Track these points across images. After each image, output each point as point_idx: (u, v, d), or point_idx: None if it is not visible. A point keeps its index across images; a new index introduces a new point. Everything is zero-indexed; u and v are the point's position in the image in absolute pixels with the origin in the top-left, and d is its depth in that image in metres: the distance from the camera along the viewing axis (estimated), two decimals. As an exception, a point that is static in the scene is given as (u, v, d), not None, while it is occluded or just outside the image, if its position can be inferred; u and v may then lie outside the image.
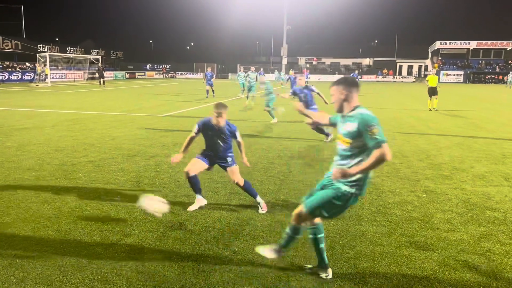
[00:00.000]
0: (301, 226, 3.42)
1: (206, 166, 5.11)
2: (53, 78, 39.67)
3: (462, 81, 60.82)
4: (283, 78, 40.22)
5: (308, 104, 9.86)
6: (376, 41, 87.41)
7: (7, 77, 38.56)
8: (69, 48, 53.10)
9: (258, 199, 5.03)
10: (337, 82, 3.22)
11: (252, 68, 21.51)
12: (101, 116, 13.92)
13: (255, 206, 5.06)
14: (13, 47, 43.01)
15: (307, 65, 76.02)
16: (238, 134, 5.05)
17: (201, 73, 77.00)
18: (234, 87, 25.93)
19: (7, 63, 43.26)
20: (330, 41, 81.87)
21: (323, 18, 74.62)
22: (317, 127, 9.26)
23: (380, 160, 2.85)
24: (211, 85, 23.35)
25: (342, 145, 3.15)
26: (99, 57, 46.46)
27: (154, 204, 4.27)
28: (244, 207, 5.10)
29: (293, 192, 5.78)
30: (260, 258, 3.70)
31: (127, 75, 57.56)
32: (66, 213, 4.77)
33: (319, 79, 60.50)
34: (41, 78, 37.52)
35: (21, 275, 3.36)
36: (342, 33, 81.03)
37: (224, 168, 5.11)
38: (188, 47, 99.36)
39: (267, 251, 3.57)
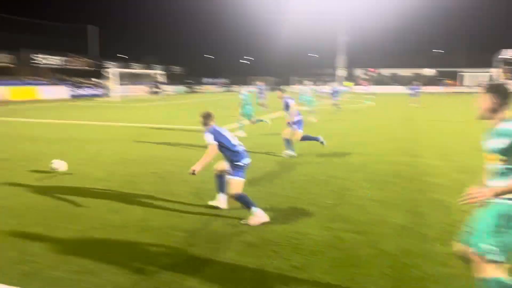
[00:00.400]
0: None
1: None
2: (120, 92, 42.02)
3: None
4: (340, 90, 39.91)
5: None
6: (437, 50, 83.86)
7: (78, 92, 41.40)
8: (133, 64, 56.06)
9: (253, 209, 4.91)
10: (489, 89, 2.85)
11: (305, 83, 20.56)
12: (164, 129, 14.51)
13: (314, 221, 5.03)
14: (83, 65, 46.18)
15: (364, 76, 74.53)
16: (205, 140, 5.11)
17: (256, 86, 78.15)
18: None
19: (78, 79, 46.52)
20: (388, 51, 79.63)
21: (381, 28, 72.90)
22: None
23: None
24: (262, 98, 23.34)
25: (493, 162, 2.78)
26: (161, 72, 48.61)
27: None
28: (303, 222, 5.07)
29: (353, 207, 5.66)
30: (319, 273, 3.66)
31: (187, 89, 59.67)
32: (133, 223, 5.00)
33: (377, 90, 58.88)
34: (108, 93, 39.89)
35: (93, 281, 3.56)
36: (401, 43, 78.55)
37: None
38: (244, 61, 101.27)
39: None
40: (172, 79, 65.72)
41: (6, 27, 41.63)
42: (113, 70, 40.60)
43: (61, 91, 39.58)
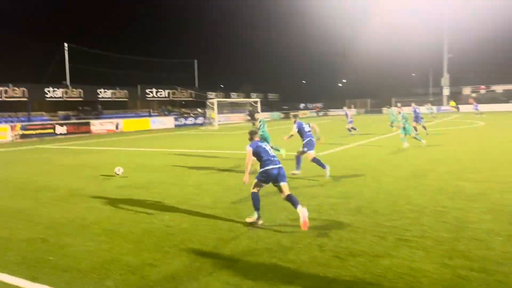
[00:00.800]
0: None
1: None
2: (219, 121, 44.21)
3: None
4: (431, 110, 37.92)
5: None
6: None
7: (183, 122, 44.49)
8: (232, 93, 58.79)
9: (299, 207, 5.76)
10: None
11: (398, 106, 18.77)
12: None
13: (429, 256, 4.63)
14: (188, 96, 49.64)
15: (473, 95, 68.82)
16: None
17: (354, 109, 76.60)
18: (386, 123, 25.02)
19: (183, 110, 50.12)
20: (501, 66, 72.67)
21: (491, 41, 67.04)
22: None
23: None
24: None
25: None
26: (258, 99, 50.21)
27: None
28: (415, 257, 4.69)
29: (473, 242, 5.11)
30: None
31: (282, 115, 60.67)
32: (240, 251, 5.09)
33: (488, 109, 53.72)
34: (209, 122, 42.22)
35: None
36: (516, 56, 71.17)
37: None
38: (340, 84, 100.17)
39: None
40: (269, 106, 67.48)
41: (123, 65, 46.69)
42: (213, 100, 42.97)
43: (168, 121, 42.90)
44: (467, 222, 5.93)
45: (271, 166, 6.15)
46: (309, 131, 10.21)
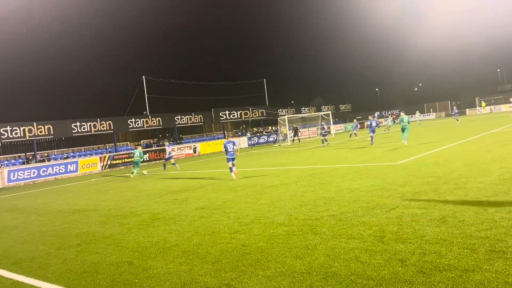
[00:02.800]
0: None
1: None
2: (291, 137, 44.24)
3: None
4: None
5: None
6: None
7: (256, 141, 45.21)
8: (303, 108, 58.70)
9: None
10: None
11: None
12: (337, 169, 14.50)
13: (530, 269, 4.14)
14: (260, 115, 50.48)
15: None
16: None
17: (433, 113, 72.49)
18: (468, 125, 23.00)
19: (255, 129, 51.00)
20: None
21: None
22: None
23: None
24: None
25: None
26: (329, 112, 49.58)
27: None
28: (514, 270, 4.23)
29: None
30: None
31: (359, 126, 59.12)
32: (316, 268, 4.96)
33: None
34: (282, 139, 42.43)
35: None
36: None
37: None
38: (416, 88, 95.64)
39: None
40: (341, 117, 66.30)
41: (198, 92, 48.99)
42: (285, 116, 43.20)
43: (242, 141, 43.88)
44: None
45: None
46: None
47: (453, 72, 79.53)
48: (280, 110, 53.59)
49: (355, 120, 35.79)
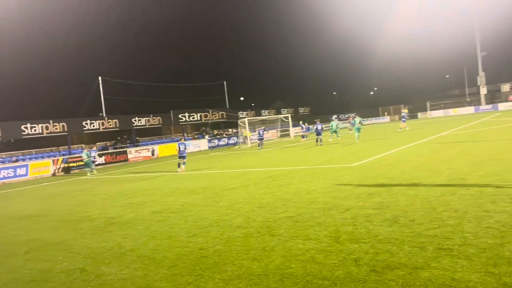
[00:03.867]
0: None
1: None
2: (252, 139, 44.38)
3: None
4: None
5: None
6: None
7: (216, 143, 45.00)
8: (263, 111, 59.06)
9: None
10: None
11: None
12: (295, 171, 14.68)
13: (472, 265, 4.37)
14: (220, 117, 50.30)
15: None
16: None
17: (387, 117, 75.06)
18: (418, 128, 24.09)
19: (216, 131, 50.78)
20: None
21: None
22: None
23: None
24: None
25: None
26: (289, 115, 50.15)
27: None
28: (458, 266, 4.44)
29: (521, 247, 4.79)
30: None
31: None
32: (273, 270, 4.99)
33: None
34: (243, 141, 42.47)
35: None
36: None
37: None
38: (371, 92, 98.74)
39: None
40: (300, 120, 67.26)
41: (157, 93, 48.19)
42: (244, 119, 43.29)
43: (202, 144, 43.54)
44: (513, 226, 5.59)
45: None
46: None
47: (406, 77, 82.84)
48: (241, 112, 53.66)
49: (301, 122, 39.11)
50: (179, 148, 19.75)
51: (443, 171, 10.76)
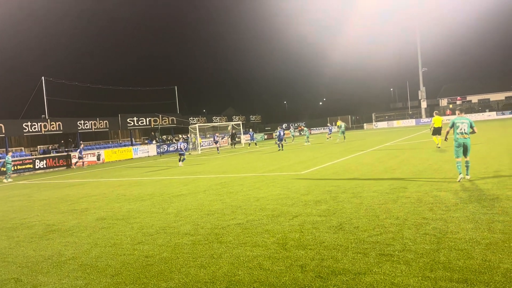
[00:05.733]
0: None
1: None
2: (202, 145, 44.04)
3: None
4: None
5: None
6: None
7: (166, 149, 44.19)
8: (214, 117, 58.90)
9: None
10: None
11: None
12: (245, 178, 14.73)
13: (411, 270, 4.59)
14: (170, 122, 49.51)
15: (450, 106, 70.48)
16: None
17: (335, 127, 77.45)
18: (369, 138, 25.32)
19: (165, 137, 49.90)
20: (475, 77, 75.04)
21: (464, 53, 69.38)
22: None
23: None
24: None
25: None
26: (240, 122, 50.34)
27: None
28: (398, 271, 4.64)
29: (454, 252, 5.09)
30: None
31: (266, 136, 60.93)
32: (220, 277, 4.96)
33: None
34: (193, 147, 42.01)
35: None
36: (489, 66, 73.84)
37: None
38: (320, 103, 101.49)
39: None
40: (251, 128, 67.69)
41: (105, 96, 46.56)
42: (195, 125, 42.92)
43: (151, 149, 42.59)
44: (448, 232, 5.94)
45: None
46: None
47: (353, 89, 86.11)
48: (192, 118, 53.15)
49: (250, 130, 41.35)
50: (179, 146, 24.70)
51: (386, 180, 11.24)
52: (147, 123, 46.20)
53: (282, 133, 30.62)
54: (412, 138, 31.15)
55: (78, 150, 32.52)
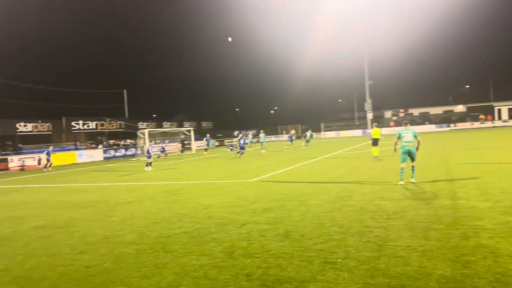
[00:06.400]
0: None
1: None
2: (153, 151, 42.99)
3: None
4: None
5: None
6: (467, 86, 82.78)
7: (113, 154, 42.76)
8: (165, 122, 57.85)
9: None
10: None
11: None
12: (194, 186, 14.57)
13: (352, 277, 4.73)
14: (118, 127, 48.04)
15: (394, 118, 73.90)
16: None
17: (286, 135, 78.73)
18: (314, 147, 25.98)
19: (112, 141, 48.31)
20: (417, 91, 79.50)
21: (407, 68, 73.36)
22: None
23: None
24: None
25: None
26: (191, 128, 49.80)
27: None
28: (340, 279, 4.77)
29: (393, 259, 5.32)
30: None
31: (217, 143, 60.71)
32: (164, 287, 4.86)
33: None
34: (142, 153, 40.94)
35: None
36: (429, 81, 78.59)
37: None
38: (272, 111, 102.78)
39: None
40: (202, 134, 67.19)
41: (49, 98, 44.36)
42: (144, 130, 41.94)
43: (97, 154, 41.05)
44: (388, 240, 6.20)
45: None
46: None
47: (303, 99, 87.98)
48: (141, 123, 51.91)
49: (208, 135, 42.54)
50: (149, 149, 24.82)
51: (332, 189, 11.55)
52: (94, 127, 44.53)
53: (243, 142, 30.93)
54: (358, 148, 32.29)
55: (46, 151, 31.06)
